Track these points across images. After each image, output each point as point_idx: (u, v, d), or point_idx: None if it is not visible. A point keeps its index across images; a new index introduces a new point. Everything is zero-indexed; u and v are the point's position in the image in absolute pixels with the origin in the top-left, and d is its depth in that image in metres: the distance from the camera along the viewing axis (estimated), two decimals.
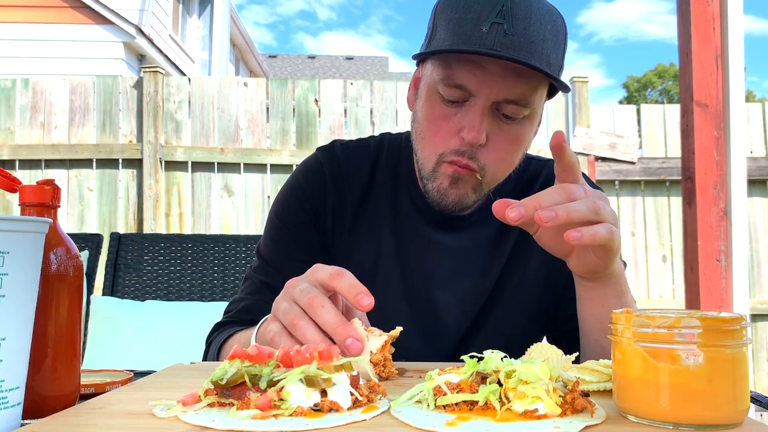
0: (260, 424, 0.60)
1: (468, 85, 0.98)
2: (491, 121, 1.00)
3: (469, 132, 0.98)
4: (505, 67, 0.95)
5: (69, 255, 0.77)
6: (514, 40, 0.93)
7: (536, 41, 0.95)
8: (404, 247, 1.16)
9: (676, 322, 0.59)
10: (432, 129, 1.04)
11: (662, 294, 4.42)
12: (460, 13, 0.97)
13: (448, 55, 0.98)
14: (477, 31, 0.94)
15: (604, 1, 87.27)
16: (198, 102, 4.53)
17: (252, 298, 1.16)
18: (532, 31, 0.95)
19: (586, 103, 4.49)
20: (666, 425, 0.60)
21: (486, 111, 0.98)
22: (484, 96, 0.98)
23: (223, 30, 13.57)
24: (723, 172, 2.33)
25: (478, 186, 1.05)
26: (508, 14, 0.94)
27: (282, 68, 22.92)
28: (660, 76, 33.60)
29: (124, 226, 4.46)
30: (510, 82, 0.97)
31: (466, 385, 0.66)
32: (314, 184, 1.16)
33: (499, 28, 0.93)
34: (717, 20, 2.34)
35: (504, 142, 1.02)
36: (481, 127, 0.98)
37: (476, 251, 1.18)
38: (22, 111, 4.52)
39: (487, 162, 1.02)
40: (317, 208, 1.16)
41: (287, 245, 1.16)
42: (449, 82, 0.99)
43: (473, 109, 0.99)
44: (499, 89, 0.97)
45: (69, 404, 0.74)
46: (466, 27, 0.95)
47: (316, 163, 1.19)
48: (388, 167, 1.19)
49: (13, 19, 8.63)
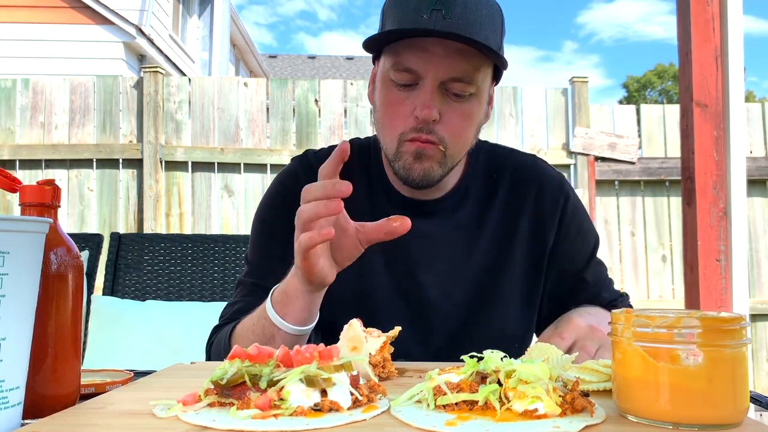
0: (260, 424, 0.60)
1: (415, 68, 1.07)
2: (441, 99, 1.09)
3: (422, 110, 1.07)
4: (448, 48, 1.05)
5: (69, 255, 0.77)
6: (453, 23, 1.03)
7: (473, 23, 1.05)
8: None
9: (676, 322, 0.60)
10: (390, 113, 1.13)
11: (662, 294, 4.42)
12: (402, 6, 1.09)
13: (397, 43, 1.08)
14: (419, 18, 1.04)
15: (604, 2, 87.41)
16: (198, 102, 4.53)
17: (246, 299, 1.20)
18: (469, 15, 1.05)
19: (585, 103, 4.49)
20: (666, 425, 0.60)
21: (435, 90, 1.08)
22: (431, 76, 1.07)
23: (223, 30, 13.57)
24: (723, 172, 2.33)
25: (443, 159, 1.13)
26: (446, 1, 1.04)
27: (282, 68, 22.91)
28: (659, 76, 33.59)
29: (124, 226, 4.46)
30: (453, 61, 1.06)
31: (466, 384, 0.66)
32: (290, 189, 1.21)
33: (438, 14, 1.04)
34: (717, 20, 2.34)
35: (456, 118, 1.11)
36: (432, 104, 1.07)
37: (455, 234, 1.23)
38: (23, 111, 4.52)
39: (446, 135, 1.11)
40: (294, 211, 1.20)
41: (270, 247, 1.23)
42: (399, 67, 1.08)
43: (423, 89, 1.08)
44: (444, 69, 1.06)
45: (69, 404, 0.74)
46: (409, 17, 1.06)
47: (291, 171, 1.28)
48: (360, 168, 1.27)
49: (14, 19, 8.63)
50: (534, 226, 1.25)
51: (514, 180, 1.27)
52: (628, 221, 4.48)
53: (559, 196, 1.26)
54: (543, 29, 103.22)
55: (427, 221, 1.22)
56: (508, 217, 1.25)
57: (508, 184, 1.27)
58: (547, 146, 4.52)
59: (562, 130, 4.54)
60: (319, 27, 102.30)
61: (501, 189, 1.26)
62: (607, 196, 4.48)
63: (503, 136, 4.51)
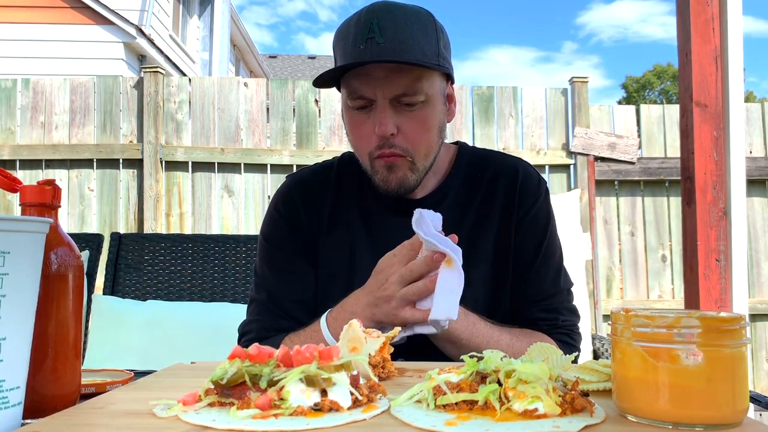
0: (260, 424, 0.60)
1: (365, 93, 1.20)
2: (395, 113, 1.20)
3: (379, 128, 1.19)
4: (387, 69, 1.17)
5: (70, 255, 0.77)
6: (387, 47, 1.15)
7: (406, 41, 1.16)
8: (375, 238, 1.33)
9: (676, 322, 0.60)
10: (356, 135, 1.26)
11: (662, 294, 4.42)
12: (344, 40, 1.21)
13: (347, 75, 1.22)
14: (357, 49, 1.17)
15: (603, 3, 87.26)
16: (198, 102, 4.53)
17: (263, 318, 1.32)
18: (400, 33, 1.16)
19: (585, 104, 4.49)
20: (665, 425, 0.60)
21: (387, 107, 1.19)
22: (380, 96, 1.19)
23: (223, 30, 13.56)
24: (722, 172, 2.33)
25: (412, 165, 1.24)
26: (377, 28, 1.16)
27: (282, 68, 22.88)
28: (659, 76, 33.58)
29: (124, 226, 4.46)
30: (394, 80, 1.17)
31: (466, 384, 0.66)
32: (288, 206, 1.38)
33: (372, 42, 1.15)
34: (716, 20, 2.34)
35: (413, 126, 1.21)
36: (386, 120, 1.18)
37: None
38: (23, 111, 4.52)
39: (408, 145, 1.22)
40: (295, 225, 1.36)
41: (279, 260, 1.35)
42: (353, 95, 1.22)
43: (377, 109, 1.20)
44: (388, 88, 1.18)
45: (70, 404, 0.74)
46: (350, 49, 1.18)
47: (287, 191, 1.42)
48: (351, 177, 1.39)
49: (14, 19, 8.62)
50: (502, 224, 1.30)
51: (493, 179, 1.34)
52: (627, 221, 4.48)
53: (531, 196, 1.32)
54: (542, 30, 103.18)
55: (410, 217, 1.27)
56: (483, 214, 1.32)
57: (487, 183, 1.34)
58: (547, 146, 4.52)
59: (562, 130, 4.53)
60: (320, 27, 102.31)
61: (481, 188, 1.34)
62: (607, 196, 4.48)
63: (503, 136, 4.51)
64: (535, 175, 1.36)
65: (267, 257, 1.37)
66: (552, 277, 1.31)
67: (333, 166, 1.43)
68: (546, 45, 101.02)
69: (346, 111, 1.27)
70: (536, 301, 1.29)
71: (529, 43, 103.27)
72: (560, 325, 1.28)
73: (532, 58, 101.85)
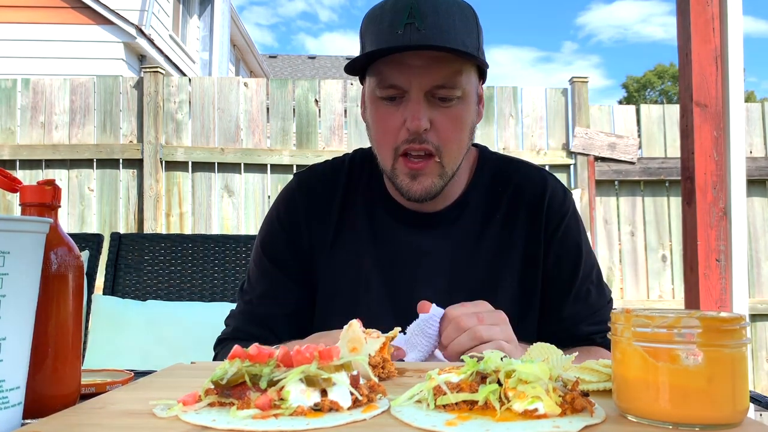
0: (260, 424, 0.60)
1: (399, 83, 1.10)
2: (429, 107, 1.10)
3: (411, 121, 1.09)
4: (427, 58, 1.07)
5: (70, 255, 0.77)
6: (427, 34, 1.05)
7: (447, 30, 1.07)
8: (384, 253, 1.24)
9: (676, 322, 0.60)
10: (381, 128, 1.15)
11: (662, 294, 4.42)
12: (377, 25, 1.11)
13: (378, 62, 1.11)
14: (394, 35, 1.07)
15: (603, 3, 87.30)
16: (198, 102, 4.53)
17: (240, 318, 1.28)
18: (442, 22, 1.07)
19: (585, 104, 4.49)
20: (665, 425, 0.60)
21: (421, 100, 1.09)
22: (415, 88, 1.09)
23: (223, 30, 13.56)
24: (722, 172, 2.33)
25: (441, 170, 1.14)
26: (417, 13, 1.06)
27: (282, 68, 22.87)
28: (659, 76, 33.58)
29: (124, 226, 4.46)
30: (433, 70, 1.08)
31: (466, 384, 0.66)
32: (291, 212, 1.28)
33: (411, 27, 1.06)
34: (716, 20, 2.34)
35: (447, 123, 1.12)
36: (420, 114, 1.09)
37: (454, 247, 1.23)
38: (23, 111, 4.52)
39: (439, 143, 1.12)
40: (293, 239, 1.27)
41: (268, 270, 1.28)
42: (383, 84, 1.11)
43: (410, 101, 1.10)
44: (426, 79, 1.08)
45: (69, 404, 0.74)
46: (385, 34, 1.08)
47: (290, 195, 1.31)
48: (361, 182, 1.29)
49: (14, 19, 8.62)
50: (530, 239, 1.23)
51: (516, 193, 1.26)
52: (628, 221, 4.48)
53: (558, 213, 1.25)
54: (542, 30, 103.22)
55: (427, 233, 1.23)
56: (507, 231, 1.23)
57: (510, 198, 1.26)
58: (547, 146, 4.52)
59: (562, 130, 4.53)
60: (320, 28, 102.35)
61: (503, 202, 1.25)
62: (607, 196, 4.48)
63: (503, 136, 4.51)
64: (560, 190, 1.28)
65: (258, 262, 1.30)
66: (596, 291, 1.26)
67: (343, 168, 1.32)
68: (546, 45, 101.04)
69: (371, 101, 1.16)
70: (586, 317, 1.23)
71: (529, 43, 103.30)
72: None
73: (532, 58, 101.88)
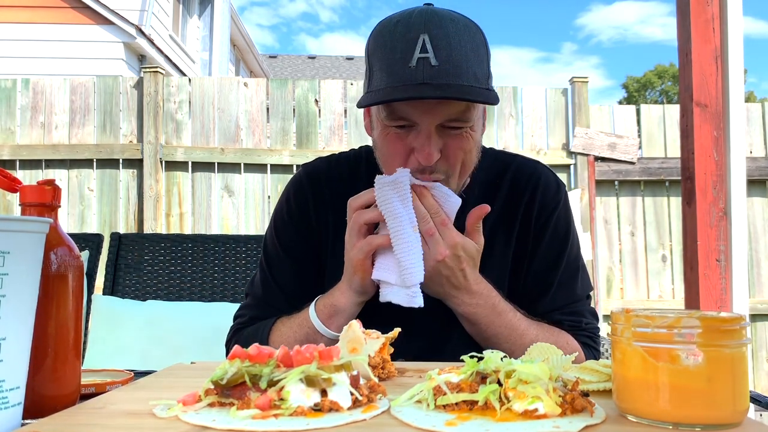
0: (260, 424, 0.60)
1: (410, 117, 1.08)
2: (440, 137, 1.09)
3: (420, 154, 1.08)
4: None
5: (69, 255, 0.77)
6: (441, 69, 1.04)
7: (460, 63, 1.05)
8: None
9: (676, 322, 0.60)
10: (389, 152, 1.14)
11: (662, 294, 4.42)
12: (388, 53, 1.08)
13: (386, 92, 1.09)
14: (406, 69, 1.04)
15: (603, 4, 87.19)
16: (198, 102, 4.53)
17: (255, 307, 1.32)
18: (455, 55, 1.05)
19: (585, 104, 4.49)
20: (665, 425, 0.60)
21: (432, 133, 1.08)
22: (426, 123, 1.07)
23: (223, 30, 13.56)
24: (722, 172, 2.33)
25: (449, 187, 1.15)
26: (429, 47, 1.04)
27: (282, 68, 22.87)
28: (659, 76, 33.57)
29: (124, 226, 4.46)
30: (445, 106, 1.07)
31: (466, 384, 0.66)
32: (299, 203, 1.31)
33: (425, 62, 1.03)
34: (716, 21, 2.34)
35: (457, 150, 1.12)
36: (431, 149, 1.08)
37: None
38: (23, 111, 4.52)
39: (448, 167, 1.13)
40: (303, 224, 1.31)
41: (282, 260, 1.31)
42: (393, 116, 1.09)
43: (421, 134, 1.09)
44: (438, 114, 1.07)
45: (69, 404, 0.74)
46: (397, 67, 1.05)
47: (299, 185, 1.33)
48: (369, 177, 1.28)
49: (14, 19, 8.62)
50: (521, 231, 1.26)
51: (512, 186, 1.28)
52: (628, 221, 4.48)
53: (550, 204, 1.27)
54: (542, 31, 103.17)
55: None
56: (501, 225, 1.26)
57: (506, 191, 1.28)
58: (547, 146, 4.52)
59: (562, 130, 4.53)
60: (321, 28, 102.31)
61: (499, 196, 1.27)
62: (607, 196, 4.48)
63: (503, 136, 4.51)
64: (553, 182, 1.30)
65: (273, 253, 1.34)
66: (575, 283, 1.28)
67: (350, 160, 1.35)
68: (546, 46, 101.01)
69: (379, 124, 1.16)
70: (561, 306, 1.25)
71: (529, 44, 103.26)
72: (584, 327, 1.25)
73: (533, 58, 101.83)
